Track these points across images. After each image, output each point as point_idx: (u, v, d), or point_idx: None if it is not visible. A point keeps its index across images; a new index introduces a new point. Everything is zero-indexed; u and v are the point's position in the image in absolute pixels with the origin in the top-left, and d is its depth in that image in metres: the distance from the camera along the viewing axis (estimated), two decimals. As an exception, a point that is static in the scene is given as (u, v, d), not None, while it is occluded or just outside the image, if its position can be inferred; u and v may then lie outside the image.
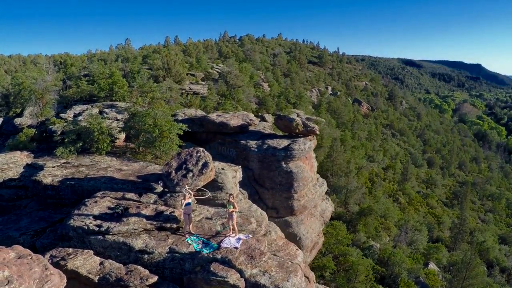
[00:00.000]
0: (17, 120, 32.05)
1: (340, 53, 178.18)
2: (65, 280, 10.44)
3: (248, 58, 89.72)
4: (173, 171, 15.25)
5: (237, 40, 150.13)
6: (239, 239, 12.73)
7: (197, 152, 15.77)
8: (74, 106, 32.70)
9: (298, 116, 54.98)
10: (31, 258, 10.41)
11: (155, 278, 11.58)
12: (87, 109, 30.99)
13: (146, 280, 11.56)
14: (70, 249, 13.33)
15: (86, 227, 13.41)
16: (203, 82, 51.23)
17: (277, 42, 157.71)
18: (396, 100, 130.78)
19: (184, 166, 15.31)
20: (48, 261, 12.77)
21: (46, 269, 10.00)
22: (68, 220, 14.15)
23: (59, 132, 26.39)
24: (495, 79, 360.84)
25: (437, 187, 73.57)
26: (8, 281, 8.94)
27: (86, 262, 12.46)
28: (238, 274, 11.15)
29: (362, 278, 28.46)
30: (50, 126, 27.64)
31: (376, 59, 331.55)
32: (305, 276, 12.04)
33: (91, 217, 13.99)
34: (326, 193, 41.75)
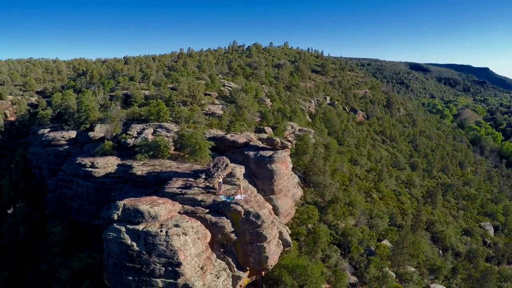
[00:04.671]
0: (91, 134, 50.96)
1: (344, 60, 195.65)
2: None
3: (254, 73, 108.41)
4: (211, 168, 33.88)
5: (245, 50, 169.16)
6: (242, 196, 31.24)
7: (222, 159, 34.43)
8: (132, 125, 51.54)
9: (292, 127, 73.96)
10: (166, 200, 29.01)
11: (207, 210, 30.18)
12: (144, 129, 49.81)
13: (203, 211, 30.10)
14: (167, 201, 31.85)
15: (173, 192, 32.00)
16: (217, 102, 70.05)
17: (282, 51, 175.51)
18: (393, 107, 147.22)
19: (216, 165, 33.93)
20: (159, 206, 31.49)
21: (173, 204, 28.62)
22: (163, 190, 32.73)
23: (131, 144, 45.17)
24: (503, 83, 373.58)
25: (415, 187, 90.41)
26: (165, 208, 27.54)
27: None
28: (241, 207, 29.79)
29: (324, 241, 46.62)
30: (124, 140, 46.42)
31: (383, 63, 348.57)
32: (269, 212, 30.49)
33: (174, 188, 32.54)
34: (308, 186, 60.22)
